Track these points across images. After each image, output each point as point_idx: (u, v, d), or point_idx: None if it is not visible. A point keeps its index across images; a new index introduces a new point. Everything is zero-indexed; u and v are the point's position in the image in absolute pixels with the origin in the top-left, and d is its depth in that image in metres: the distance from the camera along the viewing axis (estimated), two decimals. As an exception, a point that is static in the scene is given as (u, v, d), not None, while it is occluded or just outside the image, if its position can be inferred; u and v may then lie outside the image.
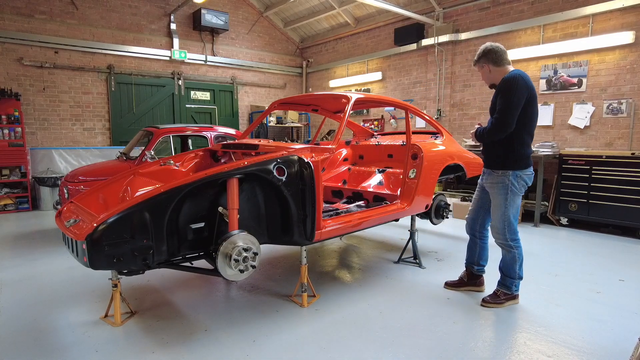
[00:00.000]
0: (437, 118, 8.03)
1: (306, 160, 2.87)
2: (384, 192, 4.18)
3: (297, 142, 10.12)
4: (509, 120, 2.83)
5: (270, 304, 3.21)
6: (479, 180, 3.31)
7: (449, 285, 3.52)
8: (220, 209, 2.70)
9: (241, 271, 2.57)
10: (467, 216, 3.41)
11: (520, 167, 2.96)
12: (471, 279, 3.45)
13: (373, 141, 4.99)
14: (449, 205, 4.44)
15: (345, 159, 5.06)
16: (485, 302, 3.15)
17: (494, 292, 3.21)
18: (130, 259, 2.43)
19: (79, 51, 8.08)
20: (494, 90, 3.08)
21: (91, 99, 8.33)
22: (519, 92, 2.82)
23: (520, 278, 3.16)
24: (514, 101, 2.81)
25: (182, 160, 3.73)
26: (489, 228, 3.26)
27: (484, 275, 3.46)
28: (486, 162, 3.14)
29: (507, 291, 3.16)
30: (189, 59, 9.41)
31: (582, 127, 6.15)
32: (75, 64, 8.07)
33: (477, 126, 3.11)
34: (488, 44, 3.08)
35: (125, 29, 8.60)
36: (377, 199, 4.18)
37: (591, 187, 5.56)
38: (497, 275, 3.24)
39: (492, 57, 3.03)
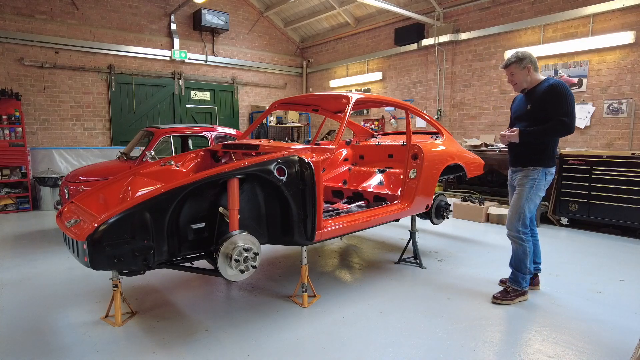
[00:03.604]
0: (438, 118, 8.03)
1: (306, 161, 2.87)
2: (385, 192, 4.18)
3: (297, 142, 10.12)
4: (574, 124, 2.99)
5: (271, 304, 3.21)
6: (508, 182, 3.41)
7: (505, 283, 3.47)
8: (220, 209, 2.70)
9: (242, 271, 2.58)
10: None
11: (549, 164, 3.12)
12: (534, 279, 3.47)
13: (373, 141, 4.99)
14: (450, 205, 4.44)
15: (345, 159, 5.06)
16: (495, 299, 3.21)
17: (504, 289, 3.27)
18: (131, 259, 2.43)
19: (80, 51, 8.08)
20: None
21: (91, 99, 8.33)
22: (573, 98, 3.02)
23: (531, 273, 3.26)
24: (573, 106, 2.99)
25: (183, 161, 3.73)
26: (535, 224, 3.37)
27: (539, 274, 3.52)
28: (516, 161, 3.22)
29: (517, 287, 3.21)
30: (189, 59, 9.41)
31: (582, 127, 6.14)
32: (76, 64, 8.07)
33: (514, 130, 3.12)
34: (525, 49, 3.20)
35: (125, 29, 8.61)
36: (377, 199, 4.18)
37: (591, 187, 5.55)
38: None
39: (534, 62, 3.14)
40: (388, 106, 5.35)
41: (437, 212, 4.31)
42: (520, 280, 3.20)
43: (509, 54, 6.82)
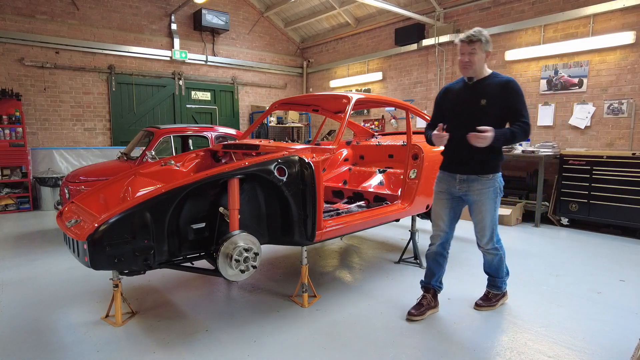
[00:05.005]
0: (438, 118, 8.02)
1: (307, 161, 2.88)
2: (385, 192, 4.19)
3: (297, 142, 10.12)
4: None
5: (271, 304, 3.21)
6: (443, 189, 2.99)
7: (414, 315, 2.91)
8: (221, 209, 2.70)
9: (242, 271, 2.58)
10: (439, 232, 3.04)
11: (500, 168, 2.90)
12: (435, 300, 3.05)
13: (373, 141, 4.99)
14: (450, 205, 4.43)
15: (345, 159, 5.06)
16: (478, 306, 3.12)
17: (484, 294, 3.19)
18: (131, 259, 2.43)
19: (80, 51, 8.09)
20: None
21: (92, 99, 8.34)
22: None
23: (508, 274, 3.16)
24: None
25: (183, 161, 3.74)
26: (477, 236, 3.08)
27: (439, 294, 3.12)
28: (470, 168, 2.81)
29: (497, 291, 3.16)
30: (189, 59, 9.41)
31: (582, 128, 6.14)
32: (76, 64, 8.07)
33: (487, 129, 2.48)
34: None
35: (126, 29, 8.61)
36: (377, 199, 4.18)
37: (592, 188, 5.55)
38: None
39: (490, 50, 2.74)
40: (388, 106, 5.35)
41: (437, 212, 4.31)
42: (500, 284, 3.13)
43: (509, 54, 6.82)
